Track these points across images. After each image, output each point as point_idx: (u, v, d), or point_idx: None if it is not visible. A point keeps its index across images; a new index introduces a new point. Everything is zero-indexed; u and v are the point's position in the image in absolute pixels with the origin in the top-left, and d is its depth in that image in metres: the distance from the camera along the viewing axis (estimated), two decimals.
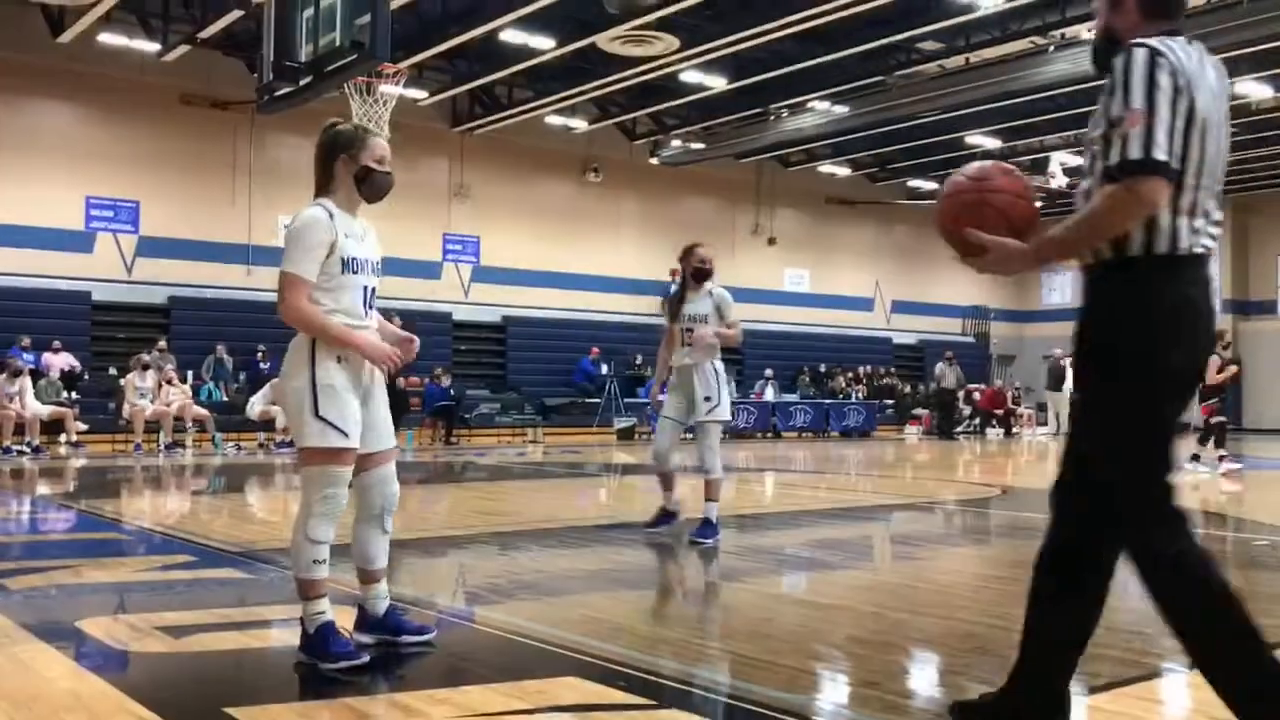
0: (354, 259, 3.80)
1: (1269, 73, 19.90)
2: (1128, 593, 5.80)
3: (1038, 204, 3.08)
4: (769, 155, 27.30)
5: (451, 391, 20.33)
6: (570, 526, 8.17)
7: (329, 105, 17.79)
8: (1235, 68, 19.68)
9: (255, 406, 17.64)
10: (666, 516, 7.27)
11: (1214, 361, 13.85)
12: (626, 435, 21.62)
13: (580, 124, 23.78)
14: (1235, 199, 31.26)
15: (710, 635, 4.26)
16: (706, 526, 6.92)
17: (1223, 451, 14.13)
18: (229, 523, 8.34)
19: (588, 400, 22.74)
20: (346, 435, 3.69)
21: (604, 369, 21.77)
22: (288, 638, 4.27)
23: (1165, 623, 2.57)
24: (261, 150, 21.36)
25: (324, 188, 3.87)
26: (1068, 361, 26.30)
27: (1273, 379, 28.48)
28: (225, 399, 18.99)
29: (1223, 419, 14.51)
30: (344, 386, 3.71)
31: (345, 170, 3.85)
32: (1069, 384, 24.35)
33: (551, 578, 5.84)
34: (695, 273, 7.33)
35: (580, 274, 25.12)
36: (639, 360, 24.21)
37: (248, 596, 5.07)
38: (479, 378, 23.39)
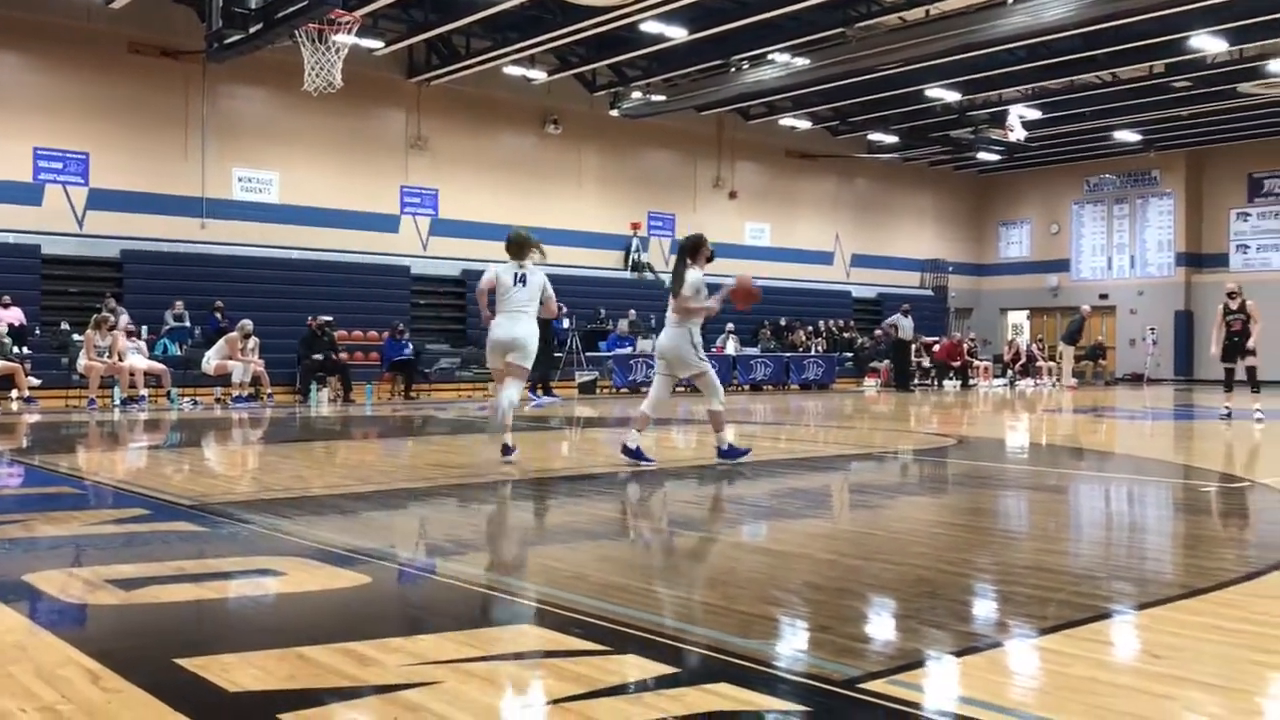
0: None
1: (1222, 26, 19.98)
2: (1079, 538, 5.91)
3: None
4: (730, 108, 27.15)
5: (410, 346, 20.20)
6: (531, 479, 8.16)
7: (281, 55, 17.50)
8: (1189, 22, 19.78)
9: (211, 361, 17.46)
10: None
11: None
12: (588, 389, 21.62)
13: (540, 75, 23.51)
14: (1189, 153, 31.58)
15: (668, 582, 4.28)
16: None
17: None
18: (184, 477, 8.26)
19: (550, 355, 22.65)
20: None
21: (565, 323, 21.61)
22: (242, 589, 4.25)
23: None
24: (214, 101, 20.96)
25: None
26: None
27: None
28: (180, 354, 18.75)
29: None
30: None
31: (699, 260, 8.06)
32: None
33: (511, 528, 5.84)
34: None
35: (541, 227, 24.77)
36: (602, 314, 24.15)
37: (202, 549, 5.03)
38: (438, 332, 23.26)
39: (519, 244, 8.44)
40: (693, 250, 8.19)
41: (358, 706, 2.78)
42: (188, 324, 19.64)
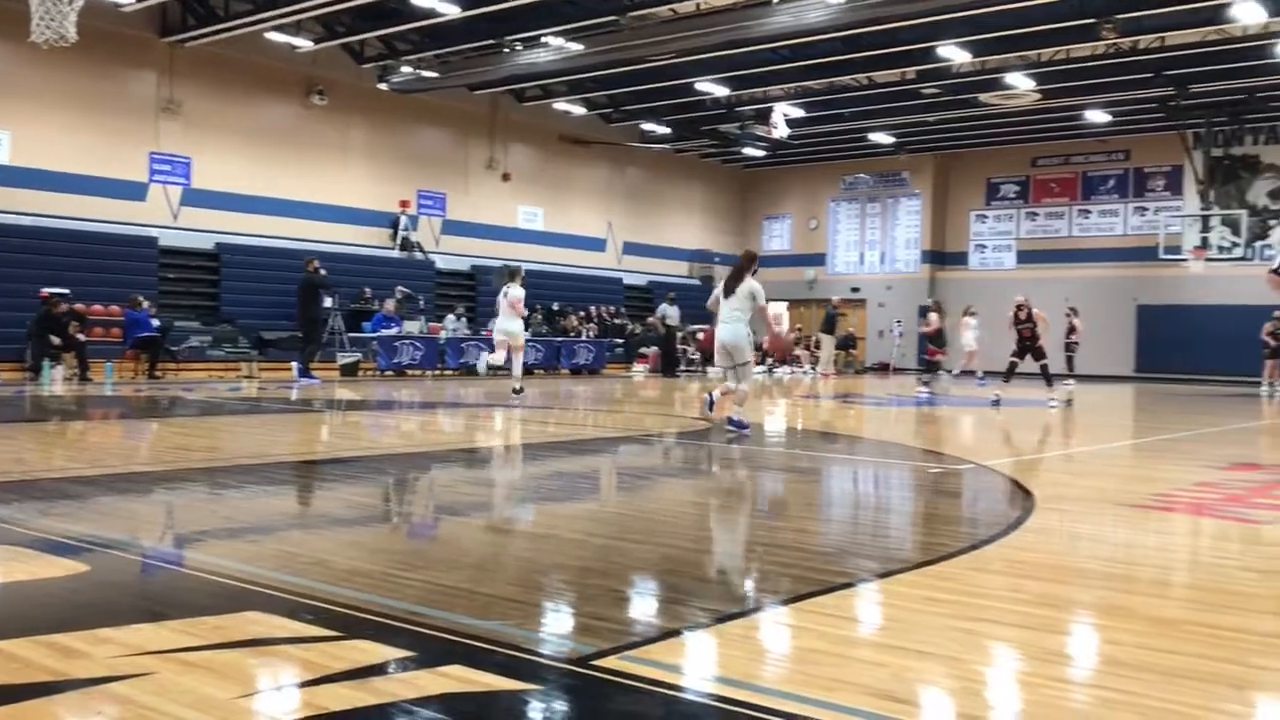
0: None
1: (967, 38, 21.38)
2: (818, 516, 6.19)
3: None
4: (503, 89, 26.94)
5: (156, 322, 19.02)
6: (280, 463, 7.85)
7: (11, 2, 16.02)
8: (938, 32, 21.05)
9: None
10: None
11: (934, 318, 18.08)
12: (350, 371, 20.97)
13: (305, 43, 22.57)
14: (936, 157, 33.68)
15: (412, 567, 4.19)
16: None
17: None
18: None
19: (316, 335, 21.78)
20: None
21: (328, 302, 20.90)
22: None
23: None
24: None
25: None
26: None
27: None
28: None
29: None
30: None
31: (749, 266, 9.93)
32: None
33: (252, 514, 5.58)
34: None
35: (303, 201, 24.03)
36: (367, 293, 23.49)
37: None
38: (189, 308, 22.01)
39: (510, 274, 14.56)
40: (751, 262, 10.20)
41: (57, 702, 2.58)
42: None
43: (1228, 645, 3.28)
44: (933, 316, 18.66)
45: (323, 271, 18.99)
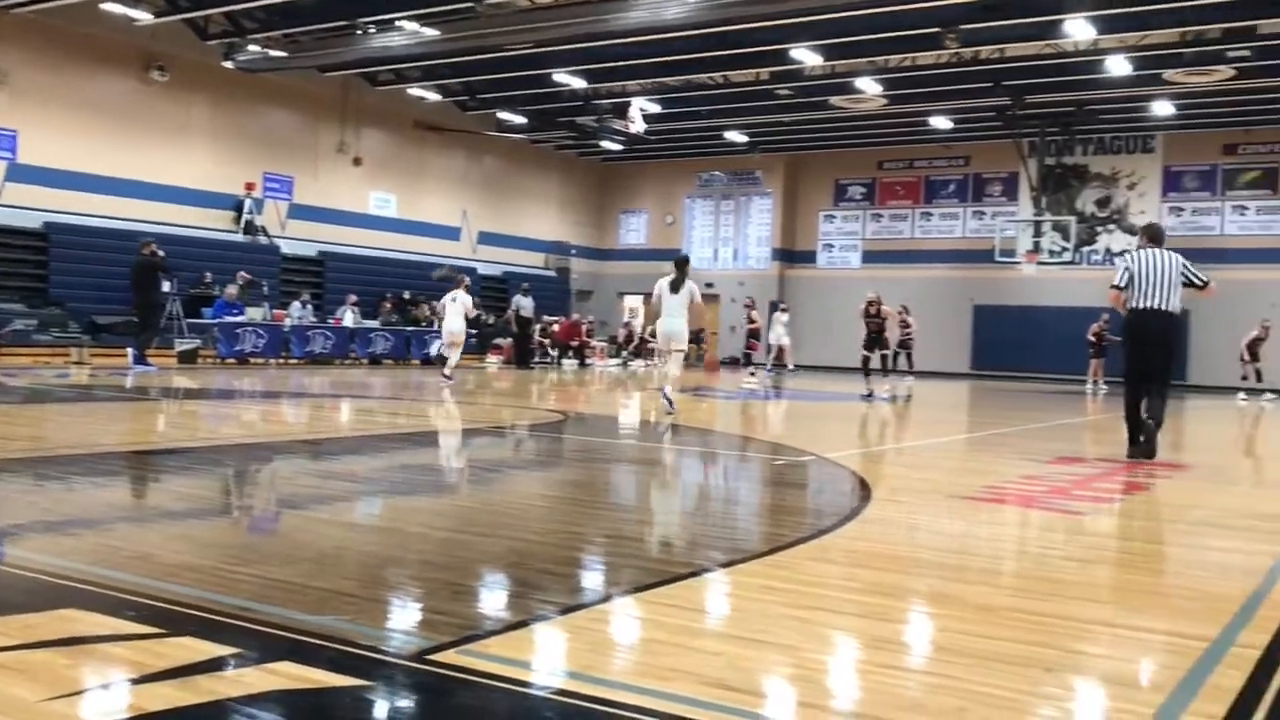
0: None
1: (818, 42, 21.88)
2: (662, 508, 6.23)
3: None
4: (356, 71, 26.28)
5: None
6: (109, 453, 7.49)
7: None
8: (791, 35, 21.49)
9: None
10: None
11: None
12: (189, 358, 20.16)
13: (144, 16, 21.53)
14: (788, 157, 34.39)
15: (244, 561, 4.04)
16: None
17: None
18: None
19: (155, 321, 20.79)
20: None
21: (166, 286, 19.98)
22: None
23: None
24: None
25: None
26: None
27: (809, 320, 31.86)
28: None
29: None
30: None
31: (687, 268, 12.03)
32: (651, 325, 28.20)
33: (74, 506, 5.30)
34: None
35: (141, 181, 22.96)
36: (208, 278, 22.61)
37: None
38: (14, 290, 20.80)
39: (451, 279, 17.48)
40: (687, 264, 12.20)
41: None
42: None
43: (1046, 631, 3.43)
44: (754, 314, 21.32)
45: (160, 254, 18.25)
